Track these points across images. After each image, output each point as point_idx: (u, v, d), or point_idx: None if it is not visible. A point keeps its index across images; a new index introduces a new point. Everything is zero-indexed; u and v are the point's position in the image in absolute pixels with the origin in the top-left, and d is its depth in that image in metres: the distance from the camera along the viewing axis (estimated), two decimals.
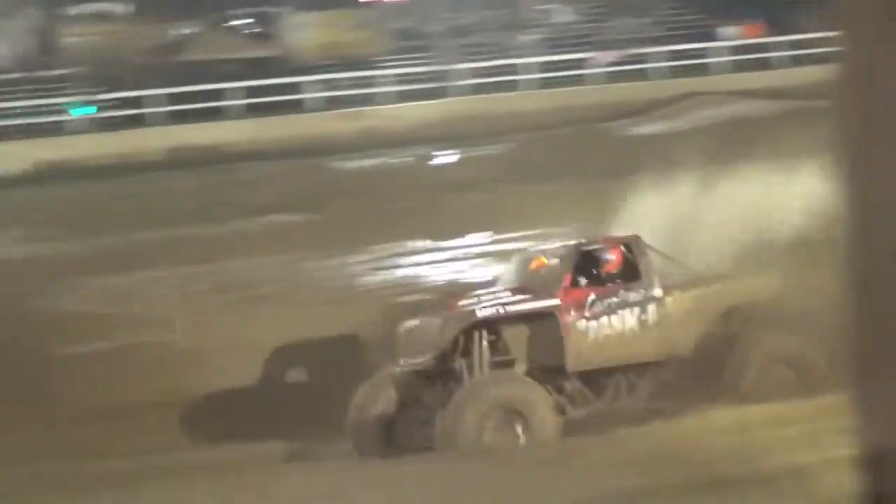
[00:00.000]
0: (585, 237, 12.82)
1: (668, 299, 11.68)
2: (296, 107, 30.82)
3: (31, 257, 18.75)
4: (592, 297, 11.58)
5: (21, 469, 12.55)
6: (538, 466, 10.18)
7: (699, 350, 11.54)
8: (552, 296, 11.55)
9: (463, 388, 11.29)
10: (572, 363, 11.46)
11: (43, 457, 13.16)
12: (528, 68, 31.99)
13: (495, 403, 10.98)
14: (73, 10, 33.54)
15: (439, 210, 19.55)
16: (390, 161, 25.00)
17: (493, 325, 11.56)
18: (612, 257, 11.94)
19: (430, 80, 31.52)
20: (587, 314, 11.47)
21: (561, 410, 11.41)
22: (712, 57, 32.69)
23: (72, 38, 32.41)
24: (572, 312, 11.46)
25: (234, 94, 30.37)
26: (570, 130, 25.67)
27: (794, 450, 8.87)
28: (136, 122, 30.22)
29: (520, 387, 11.23)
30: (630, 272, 11.89)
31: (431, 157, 25.48)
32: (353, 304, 16.39)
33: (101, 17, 33.55)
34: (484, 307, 11.53)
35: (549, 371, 11.58)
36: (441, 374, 11.76)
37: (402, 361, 11.94)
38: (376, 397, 12.01)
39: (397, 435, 12.05)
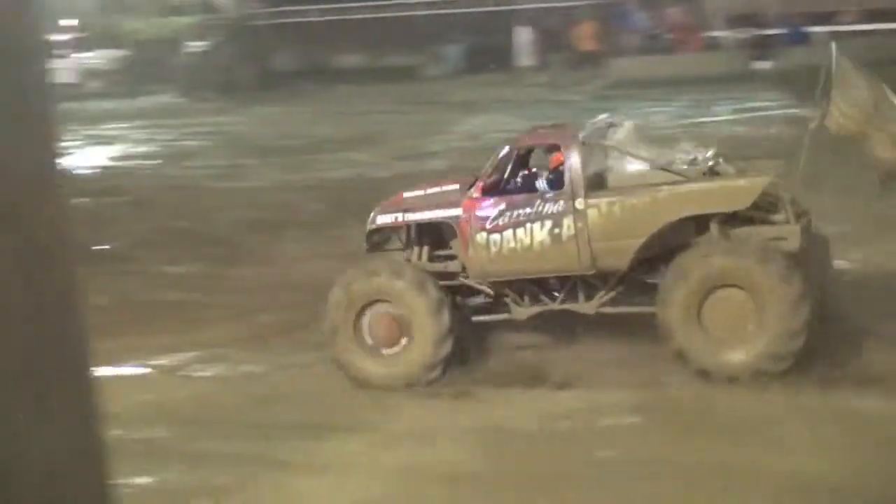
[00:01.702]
0: None
1: (591, 212, 10.27)
2: None
3: None
4: (501, 207, 10.50)
5: None
6: None
7: (642, 262, 10.35)
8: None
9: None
10: (475, 275, 10.72)
11: None
12: None
13: (361, 294, 10.57)
14: None
15: None
16: None
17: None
18: (551, 155, 10.75)
19: None
20: (488, 227, 10.48)
21: (486, 311, 10.91)
22: None
23: None
24: (473, 224, 10.54)
25: None
26: None
27: None
28: None
29: (387, 276, 10.61)
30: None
31: None
32: None
33: None
34: (386, 213, 11.03)
35: None
36: None
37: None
38: None
39: None
